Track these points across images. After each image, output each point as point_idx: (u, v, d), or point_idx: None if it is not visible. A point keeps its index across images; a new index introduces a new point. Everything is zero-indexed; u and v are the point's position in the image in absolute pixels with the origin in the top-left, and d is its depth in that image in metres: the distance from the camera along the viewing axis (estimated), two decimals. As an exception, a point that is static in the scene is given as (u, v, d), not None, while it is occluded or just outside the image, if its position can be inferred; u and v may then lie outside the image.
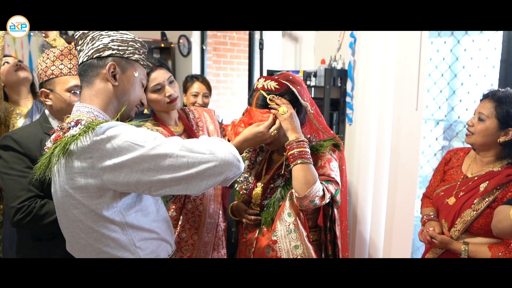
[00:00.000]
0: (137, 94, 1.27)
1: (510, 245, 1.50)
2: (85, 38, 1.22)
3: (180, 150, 1.08)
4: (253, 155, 1.73)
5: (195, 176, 1.09)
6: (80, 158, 1.08)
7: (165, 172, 1.07)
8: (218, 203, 1.91)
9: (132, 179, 1.07)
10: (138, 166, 1.06)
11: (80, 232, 1.15)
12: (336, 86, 2.89)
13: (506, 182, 1.53)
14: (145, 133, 1.10)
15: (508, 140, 1.57)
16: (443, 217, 1.69)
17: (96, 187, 1.09)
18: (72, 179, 1.09)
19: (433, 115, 2.76)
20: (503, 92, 1.60)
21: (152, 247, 1.23)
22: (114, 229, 1.14)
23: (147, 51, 1.32)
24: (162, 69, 1.73)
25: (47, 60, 1.63)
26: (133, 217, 1.17)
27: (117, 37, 1.22)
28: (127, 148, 1.06)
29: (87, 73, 1.21)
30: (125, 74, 1.23)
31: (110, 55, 1.20)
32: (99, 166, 1.07)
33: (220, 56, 4.96)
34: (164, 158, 1.06)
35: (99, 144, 1.06)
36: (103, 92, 1.20)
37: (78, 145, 1.07)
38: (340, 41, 2.90)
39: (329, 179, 1.46)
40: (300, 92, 1.52)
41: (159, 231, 1.26)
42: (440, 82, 2.65)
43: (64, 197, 1.13)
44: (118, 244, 1.16)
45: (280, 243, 1.47)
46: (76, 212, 1.13)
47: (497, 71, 2.30)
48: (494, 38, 2.38)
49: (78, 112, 1.18)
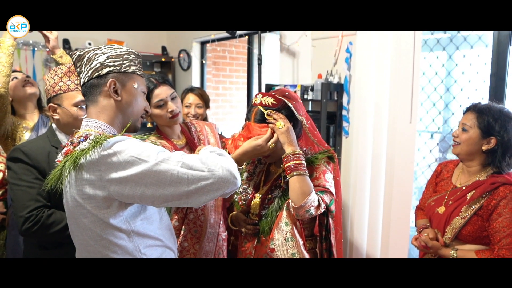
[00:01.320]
0: (140, 104, 1.33)
1: (495, 250, 1.56)
2: (82, 60, 1.28)
3: (181, 167, 1.14)
4: (252, 167, 1.80)
5: (194, 192, 1.15)
6: (89, 171, 1.15)
7: (167, 187, 1.14)
8: (219, 213, 1.97)
9: (136, 192, 1.14)
10: (142, 180, 1.13)
11: (90, 239, 1.21)
12: (332, 99, 2.97)
13: (490, 190, 1.61)
14: (149, 148, 1.17)
15: (491, 148, 1.65)
16: (434, 226, 1.76)
17: (103, 198, 1.16)
18: (82, 190, 1.16)
19: (427, 127, 2.83)
20: (484, 105, 1.70)
21: (157, 253, 1.29)
22: (121, 237, 1.21)
23: (141, 60, 1.37)
24: (166, 86, 1.80)
25: (55, 76, 1.71)
26: (138, 225, 1.24)
27: (111, 53, 1.28)
28: (131, 163, 1.13)
29: (90, 92, 1.28)
30: (125, 87, 1.28)
31: (109, 72, 1.26)
32: (106, 178, 1.14)
33: (220, 70, 5.06)
34: (165, 174, 1.13)
35: (106, 158, 1.13)
36: (108, 108, 1.27)
37: (87, 158, 1.14)
38: (336, 56, 2.99)
39: (324, 190, 1.54)
40: (296, 107, 1.60)
41: (163, 239, 1.32)
42: (433, 96, 2.73)
43: (75, 207, 1.20)
44: (124, 251, 1.22)
45: (278, 251, 1.53)
46: (85, 221, 1.19)
47: (487, 85, 2.38)
48: (484, 54, 2.48)
49: (87, 127, 1.25)
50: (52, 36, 2.22)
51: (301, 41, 3.26)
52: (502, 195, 1.58)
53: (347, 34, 2.90)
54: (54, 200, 1.63)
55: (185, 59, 4.75)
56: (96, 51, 1.27)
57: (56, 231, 1.56)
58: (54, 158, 1.63)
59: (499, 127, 1.63)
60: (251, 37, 4.03)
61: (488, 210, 1.59)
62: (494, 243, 1.58)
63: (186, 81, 4.68)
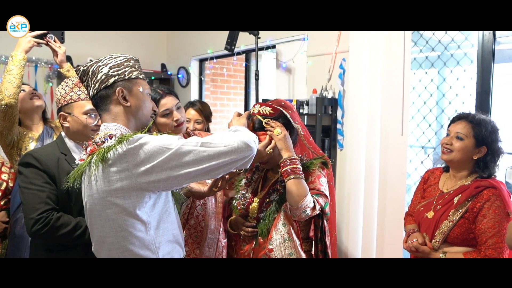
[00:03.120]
0: (148, 106, 1.44)
1: (482, 251, 1.65)
2: (87, 74, 1.39)
3: (201, 147, 1.26)
4: (250, 174, 1.90)
5: (215, 166, 1.27)
6: (116, 164, 1.25)
7: (190, 166, 1.25)
8: (219, 220, 2.05)
9: (163, 176, 1.24)
10: (167, 164, 1.24)
11: (110, 230, 1.30)
12: (327, 114, 3.09)
13: (475, 194, 1.71)
14: (169, 137, 1.29)
15: (481, 156, 1.76)
16: (424, 230, 1.85)
17: (129, 188, 1.26)
18: (109, 182, 1.26)
19: (418, 140, 2.94)
20: (476, 115, 1.81)
21: (168, 248, 1.38)
22: (140, 229, 1.30)
23: (139, 64, 1.47)
24: (171, 96, 1.91)
25: (66, 87, 1.81)
26: (156, 218, 1.33)
27: (113, 63, 1.37)
28: (157, 152, 1.24)
29: (101, 103, 1.39)
30: (132, 93, 1.39)
31: (115, 82, 1.36)
32: (133, 169, 1.24)
33: (217, 87, 5.19)
34: (188, 155, 1.25)
35: (133, 150, 1.24)
36: (120, 114, 1.38)
37: (114, 153, 1.25)
38: (330, 72, 3.13)
39: (319, 193, 1.63)
40: (292, 116, 1.71)
41: (175, 234, 1.42)
42: (423, 109, 2.85)
43: (100, 198, 1.29)
44: (142, 243, 1.31)
45: (276, 251, 1.61)
46: (109, 212, 1.29)
47: (473, 98, 2.51)
48: (470, 69, 2.61)
49: (107, 129, 1.35)
50: (61, 51, 2.33)
51: (296, 58, 3.40)
52: (486, 198, 1.68)
53: (341, 51, 3.04)
54: (62, 204, 1.71)
55: (184, 76, 4.89)
56: (99, 63, 1.38)
57: (64, 233, 1.63)
58: (63, 164, 1.73)
59: (491, 138, 1.75)
60: (248, 54, 4.18)
61: (474, 213, 1.69)
62: (480, 244, 1.66)
63: (185, 98, 4.78)
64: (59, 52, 2.33)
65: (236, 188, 1.88)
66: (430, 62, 2.80)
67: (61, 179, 1.71)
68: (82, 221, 1.68)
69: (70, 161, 1.76)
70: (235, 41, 3.21)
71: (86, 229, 1.67)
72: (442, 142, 1.85)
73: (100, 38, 4.43)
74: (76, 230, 1.65)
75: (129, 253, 1.32)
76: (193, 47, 4.72)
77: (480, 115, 1.81)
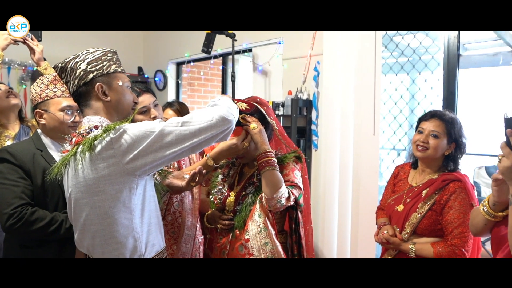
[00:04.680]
0: (128, 99, 1.46)
1: (448, 240, 1.73)
2: (65, 71, 1.39)
3: (182, 126, 1.31)
4: (226, 170, 1.94)
5: (198, 142, 1.32)
6: (103, 152, 1.27)
7: (174, 146, 1.29)
8: (195, 216, 2.08)
9: (149, 159, 1.28)
10: (152, 147, 1.28)
11: (95, 218, 1.32)
12: (302, 115, 3.16)
13: (442, 187, 1.80)
14: (151, 122, 1.34)
15: (450, 152, 1.85)
16: (394, 222, 1.92)
17: (117, 174, 1.28)
18: (97, 169, 1.28)
19: (389, 139, 3.05)
20: (447, 113, 1.89)
21: (151, 237, 1.40)
22: (126, 216, 1.32)
23: (117, 56, 1.47)
24: (148, 94, 1.94)
25: (41, 84, 1.81)
26: (140, 206, 1.35)
27: (90, 58, 1.37)
28: (142, 136, 1.28)
29: (82, 99, 1.40)
30: (111, 88, 1.40)
31: (93, 78, 1.37)
32: (120, 155, 1.27)
33: (195, 91, 5.21)
34: (171, 135, 1.29)
35: (118, 137, 1.27)
36: (102, 109, 1.40)
37: (101, 141, 1.27)
38: (305, 74, 3.21)
39: (293, 184, 1.69)
40: (267, 111, 1.76)
41: (157, 223, 1.44)
42: (394, 110, 2.96)
43: (87, 186, 1.30)
44: (126, 231, 1.33)
45: (252, 241, 1.65)
46: (96, 199, 1.30)
47: (440, 99, 2.63)
48: (437, 72, 2.74)
49: (91, 122, 1.36)
50: (38, 49, 2.32)
51: (272, 61, 3.47)
52: (452, 190, 1.76)
53: (315, 54, 3.13)
54: (37, 199, 1.71)
55: (161, 79, 4.89)
56: (76, 59, 1.38)
57: (39, 228, 1.63)
58: (39, 160, 1.73)
59: (459, 135, 1.85)
60: (225, 58, 4.23)
61: (441, 205, 1.77)
62: (447, 234, 1.75)
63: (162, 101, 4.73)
64: (37, 50, 2.32)
65: (213, 184, 1.91)
66: (400, 65, 2.92)
67: (37, 175, 1.71)
68: (57, 216, 1.68)
69: (46, 157, 1.76)
70: (212, 43, 3.26)
71: (61, 223, 1.67)
72: (415, 140, 1.90)
73: (75, 41, 4.38)
74: (52, 225, 1.65)
75: (113, 240, 1.33)
76: (170, 50, 4.75)
77: (449, 113, 1.90)
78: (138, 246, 1.36)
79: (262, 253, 1.64)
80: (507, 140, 1.12)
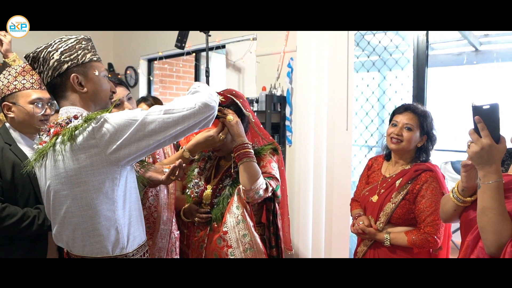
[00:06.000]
0: (105, 89, 1.41)
1: (421, 228, 1.79)
2: (37, 61, 1.32)
3: (164, 114, 1.28)
4: (202, 163, 1.92)
5: (181, 129, 1.30)
6: (84, 142, 1.23)
7: (157, 135, 1.27)
8: (171, 211, 2.05)
9: (133, 148, 1.25)
10: (135, 136, 1.24)
11: (77, 210, 1.28)
12: (276, 111, 3.18)
13: (414, 177, 1.85)
14: (133, 110, 1.31)
15: (423, 144, 1.92)
16: (369, 213, 1.96)
17: (99, 164, 1.24)
18: (78, 160, 1.24)
19: (361, 135, 3.12)
20: (419, 107, 1.95)
21: (132, 229, 1.37)
22: (108, 208, 1.29)
23: (92, 43, 1.40)
24: (122, 87, 1.90)
25: (9, 76, 1.74)
26: (122, 197, 1.32)
27: (64, 47, 1.30)
28: (124, 125, 1.24)
29: (57, 90, 1.34)
30: (88, 78, 1.34)
31: (68, 68, 1.30)
32: (103, 145, 1.23)
33: (166, 88, 5.15)
34: (154, 124, 1.26)
35: (100, 126, 1.23)
36: (79, 100, 1.34)
37: (82, 131, 1.23)
38: (279, 71, 3.23)
39: (271, 176, 1.70)
40: (243, 104, 1.77)
41: (139, 215, 1.42)
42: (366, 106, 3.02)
43: (67, 177, 1.26)
44: (108, 222, 1.30)
45: (230, 233, 1.65)
46: (78, 190, 1.26)
47: (410, 95, 2.71)
48: (407, 69, 2.82)
49: (68, 113, 1.31)
50: (6, 39, 2.24)
51: (246, 57, 3.48)
52: (424, 180, 1.82)
53: (289, 51, 3.15)
54: (7, 195, 1.64)
55: (132, 75, 4.81)
56: (48, 48, 1.31)
57: (10, 224, 1.58)
58: (8, 154, 1.68)
59: (431, 127, 1.92)
60: (198, 54, 4.20)
61: (414, 194, 1.83)
62: (420, 222, 1.80)
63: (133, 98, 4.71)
64: (4, 41, 2.24)
65: (189, 178, 1.90)
66: (372, 62, 2.99)
67: (6, 170, 1.65)
68: (29, 212, 1.62)
69: (15, 151, 1.70)
70: (185, 39, 3.23)
71: (34, 219, 1.62)
72: (389, 132, 1.94)
73: (44, 37, 4.24)
74: (23, 221, 1.59)
75: (95, 233, 1.30)
76: (142, 47, 4.67)
77: (421, 107, 1.97)
78: (120, 238, 1.33)
79: (240, 245, 1.63)
80: (475, 127, 1.16)
